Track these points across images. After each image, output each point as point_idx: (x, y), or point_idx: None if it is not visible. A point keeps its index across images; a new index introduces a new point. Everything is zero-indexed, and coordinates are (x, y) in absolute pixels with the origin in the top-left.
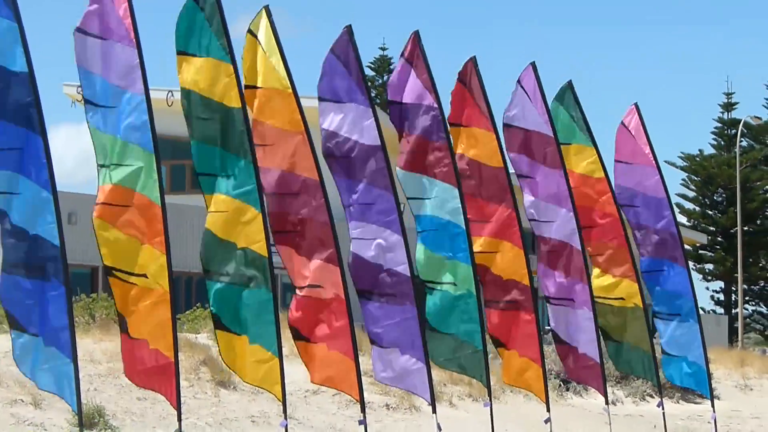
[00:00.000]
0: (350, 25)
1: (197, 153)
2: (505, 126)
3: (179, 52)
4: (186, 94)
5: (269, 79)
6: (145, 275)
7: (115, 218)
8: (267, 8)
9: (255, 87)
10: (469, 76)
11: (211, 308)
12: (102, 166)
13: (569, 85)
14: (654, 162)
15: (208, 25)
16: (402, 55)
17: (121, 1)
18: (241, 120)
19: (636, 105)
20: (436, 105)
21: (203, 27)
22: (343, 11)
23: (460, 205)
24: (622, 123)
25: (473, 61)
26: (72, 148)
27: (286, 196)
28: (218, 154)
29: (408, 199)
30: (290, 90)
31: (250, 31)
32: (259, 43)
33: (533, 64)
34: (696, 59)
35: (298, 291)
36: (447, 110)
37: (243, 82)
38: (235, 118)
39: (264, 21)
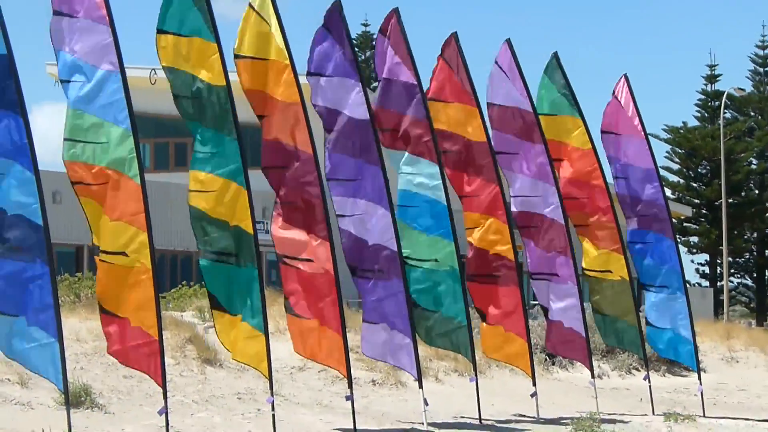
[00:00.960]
0: (339, 1)
1: (193, 131)
2: (487, 105)
3: (159, 31)
4: (170, 72)
5: (268, 50)
6: (125, 253)
7: (94, 197)
8: None
9: (253, 58)
10: (451, 51)
11: (206, 287)
12: (72, 140)
13: (555, 57)
14: (643, 133)
15: (192, 4)
16: (380, 31)
17: None
18: (225, 98)
19: (626, 76)
20: (415, 82)
21: (187, 5)
22: None
23: (440, 182)
24: (613, 94)
25: (455, 36)
26: (56, 127)
27: (280, 168)
28: (204, 132)
29: (398, 173)
30: (288, 62)
31: (250, 4)
32: (258, 14)
33: (509, 41)
34: (679, 31)
35: (287, 261)
36: (427, 86)
37: (239, 53)
38: (219, 96)
39: None
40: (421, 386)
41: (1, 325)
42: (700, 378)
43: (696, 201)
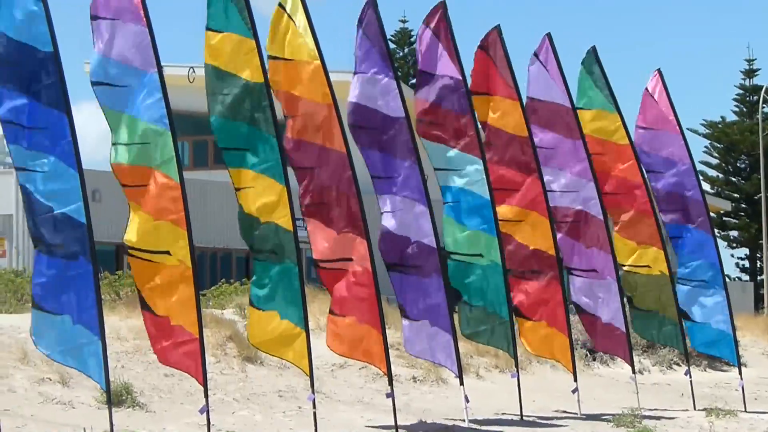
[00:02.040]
0: None
1: (220, 128)
2: (527, 99)
3: (208, 29)
4: (208, 69)
5: (298, 51)
6: (167, 252)
7: (134, 197)
8: None
9: (283, 59)
10: (494, 45)
11: (252, 284)
12: (117, 144)
13: (593, 51)
14: (678, 128)
15: (231, 1)
16: (426, 23)
17: None
18: (264, 94)
19: (659, 71)
20: (460, 77)
21: (227, 3)
22: None
23: (484, 177)
24: (646, 89)
25: (497, 30)
26: (94, 126)
27: (314, 169)
28: (243, 128)
29: (435, 170)
30: (319, 62)
31: (280, 4)
32: (289, 15)
33: (549, 35)
34: (717, 25)
35: (324, 265)
36: (469, 80)
37: (270, 54)
38: (258, 93)
39: None
40: (462, 383)
41: (46, 324)
42: (741, 373)
43: (735, 195)
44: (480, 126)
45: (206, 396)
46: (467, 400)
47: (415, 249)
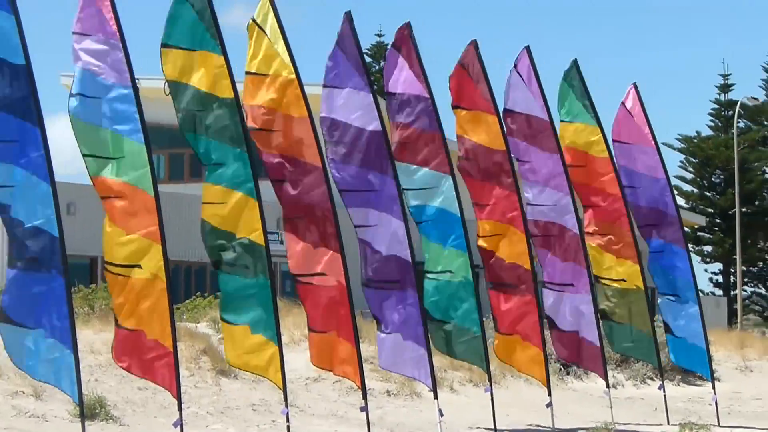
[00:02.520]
0: (349, 11)
1: (195, 145)
2: (504, 111)
3: (164, 45)
4: (174, 86)
5: (274, 66)
6: (139, 266)
7: (108, 210)
8: None
9: (260, 74)
10: (471, 59)
11: (221, 299)
12: (88, 156)
13: (575, 64)
14: (653, 143)
15: (197, 18)
16: (393, 45)
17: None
18: (234, 110)
19: (635, 85)
20: (427, 95)
21: (193, 20)
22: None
23: (454, 193)
24: (623, 103)
25: (474, 44)
26: (69, 139)
27: (290, 182)
28: (211, 144)
29: (404, 189)
30: (294, 77)
31: (253, 19)
32: (263, 31)
33: (527, 48)
34: (692, 40)
35: (301, 278)
36: (445, 96)
37: (248, 70)
38: (228, 110)
39: (268, 9)
40: (436, 397)
41: (18, 338)
42: (714, 387)
43: (710, 210)
44: (457, 140)
45: (180, 409)
46: (441, 414)
47: (391, 263)
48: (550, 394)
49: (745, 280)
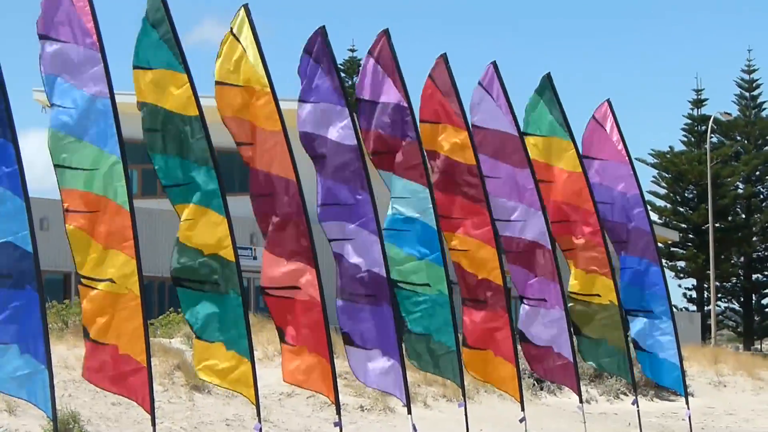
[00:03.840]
0: (324, 26)
1: (161, 166)
2: (472, 126)
3: (134, 67)
4: (146, 108)
5: (250, 78)
6: (112, 280)
7: (83, 224)
8: (246, 7)
9: (235, 85)
10: (440, 73)
11: (185, 316)
12: (62, 167)
13: (548, 78)
14: (627, 158)
15: (157, 36)
16: (370, 53)
17: (82, 4)
18: (198, 127)
19: (608, 101)
20: (405, 104)
21: (153, 38)
22: (310, 12)
23: (431, 205)
24: (594, 118)
25: (444, 58)
26: (42, 154)
27: (263, 196)
28: (178, 163)
29: (392, 198)
30: (269, 89)
31: (231, 31)
32: (240, 43)
33: (494, 64)
34: (665, 56)
35: (272, 292)
36: (416, 108)
37: (218, 80)
38: (192, 126)
39: (243, 20)
40: (409, 412)
41: None
42: (687, 403)
43: (683, 225)
44: (427, 154)
45: (153, 425)
46: (415, 429)
47: (367, 278)
48: (523, 410)
49: (719, 295)
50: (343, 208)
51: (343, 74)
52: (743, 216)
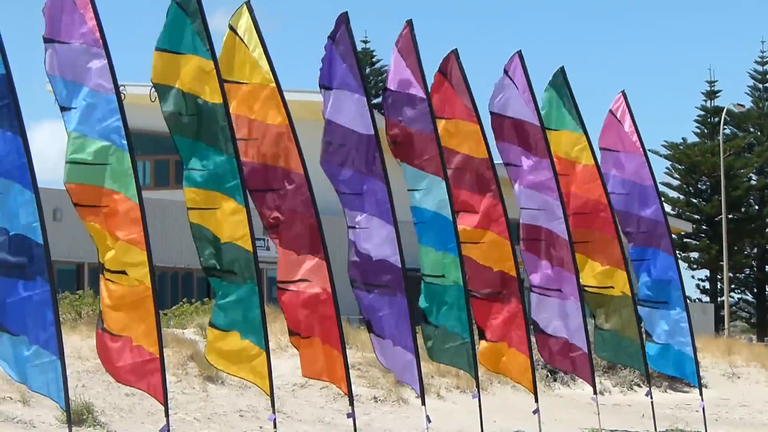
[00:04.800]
0: (346, 12)
1: (182, 148)
2: (492, 114)
3: (157, 49)
4: (164, 90)
5: (252, 74)
6: (124, 272)
7: (94, 217)
8: (248, 3)
9: (237, 82)
10: (451, 68)
11: (217, 305)
12: (72, 163)
13: (561, 71)
14: (642, 150)
15: (189, 23)
16: (396, 44)
17: (85, 2)
18: (222, 115)
19: (623, 93)
20: (424, 96)
21: (185, 25)
22: (322, 4)
23: (447, 197)
24: (611, 111)
25: (455, 53)
26: (55, 145)
27: (270, 191)
28: (198, 148)
29: (408, 190)
30: (273, 84)
31: (230, 27)
32: (241, 39)
33: (519, 53)
34: (678, 48)
35: (284, 285)
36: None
37: (223, 77)
38: (216, 114)
39: (245, 16)
40: (423, 403)
41: (6, 344)
42: (701, 394)
43: (696, 217)
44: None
45: (167, 416)
46: (429, 420)
47: (381, 268)
48: (537, 401)
49: (732, 286)
50: (358, 197)
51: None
52: (756, 207)
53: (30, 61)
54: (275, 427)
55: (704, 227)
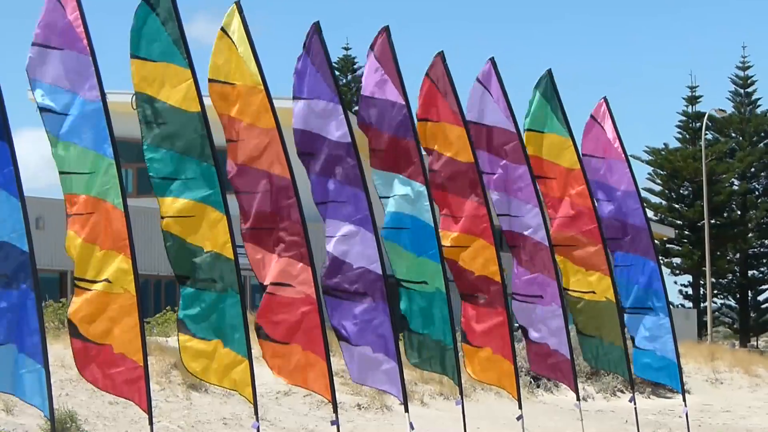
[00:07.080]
0: (318, 22)
1: (153, 157)
2: (469, 123)
3: (133, 56)
4: (142, 98)
5: (241, 76)
6: (107, 280)
7: (78, 226)
8: (238, 4)
9: (226, 83)
10: (437, 71)
11: (180, 313)
12: (64, 173)
13: (549, 74)
14: (623, 155)
15: (163, 29)
16: (371, 49)
17: (72, 8)
18: (201, 124)
19: (605, 99)
20: (404, 102)
21: (158, 30)
22: (304, 10)
23: (428, 203)
24: (592, 116)
25: (441, 56)
26: (37, 152)
27: (256, 194)
28: (176, 158)
29: (380, 198)
30: (262, 87)
31: (222, 28)
32: (231, 40)
33: (492, 60)
34: (659, 53)
35: (269, 289)
36: (414, 106)
37: (211, 77)
38: (194, 123)
39: (235, 17)
40: (407, 410)
41: None
42: (684, 400)
43: (678, 222)
44: (425, 152)
45: (151, 424)
46: (412, 427)
47: (361, 275)
48: (520, 407)
49: (715, 292)
50: (337, 205)
51: (336, 72)
52: (739, 212)
53: (8, 69)
54: None
55: (687, 233)
